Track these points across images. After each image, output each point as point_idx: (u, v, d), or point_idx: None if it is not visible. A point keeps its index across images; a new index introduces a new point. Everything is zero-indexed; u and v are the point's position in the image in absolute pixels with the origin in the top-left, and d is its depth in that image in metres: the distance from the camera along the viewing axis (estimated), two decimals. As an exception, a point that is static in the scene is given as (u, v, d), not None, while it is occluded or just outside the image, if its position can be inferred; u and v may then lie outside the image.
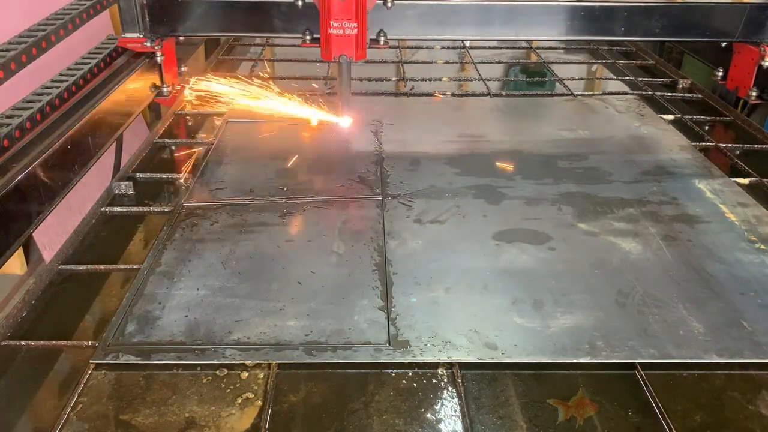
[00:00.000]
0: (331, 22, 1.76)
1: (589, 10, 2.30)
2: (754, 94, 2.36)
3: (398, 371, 1.20)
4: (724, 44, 2.43)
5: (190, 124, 2.32)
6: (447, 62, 2.96)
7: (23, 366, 1.23)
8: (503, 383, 1.18)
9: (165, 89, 2.31)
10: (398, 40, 3.05)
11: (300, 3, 1.91)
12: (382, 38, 2.00)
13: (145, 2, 2.13)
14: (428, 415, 1.11)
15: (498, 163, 1.99)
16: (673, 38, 2.61)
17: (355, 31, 1.77)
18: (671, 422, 1.10)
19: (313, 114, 2.23)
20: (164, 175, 1.91)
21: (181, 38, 2.42)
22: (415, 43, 3.24)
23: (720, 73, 2.53)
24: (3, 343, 1.26)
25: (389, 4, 1.91)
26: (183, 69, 2.49)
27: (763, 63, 2.30)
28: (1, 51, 1.66)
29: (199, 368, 1.20)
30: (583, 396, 1.15)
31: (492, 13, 2.31)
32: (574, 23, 2.32)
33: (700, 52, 2.76)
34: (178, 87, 2.40)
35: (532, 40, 3.19)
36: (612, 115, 2.38)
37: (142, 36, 2.17)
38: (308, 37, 1.99)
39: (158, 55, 2.24)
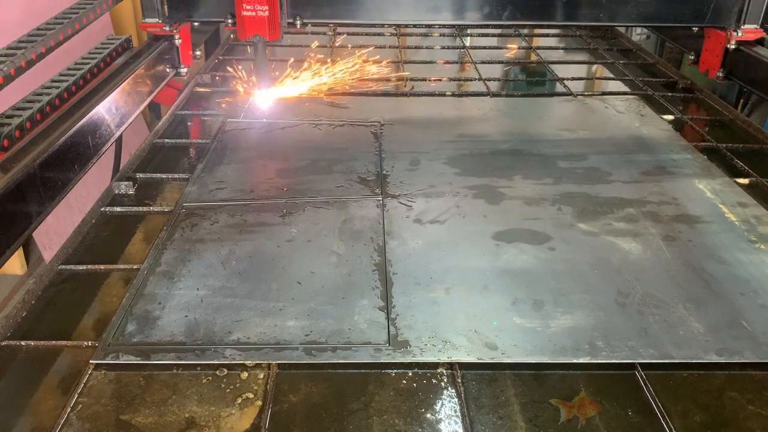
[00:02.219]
0: (244, 4, 1.97)
1: None
2: (721, 74, 2.55)
3: (398, 371, 1.20)
4: (695, 29, 2.61)
5: (189, 124, 2.32)
6: (447, 62, 2.96)
7: (23, 366, 1.23)
8: (503, 383, 1.18)
9: (182, 69, 2.52)
10: (397, 25, 3.15)
11: None
12: (299, 22, 2.30)
13: (163, -11, 2.31)
14: (428, 416, 1.11)
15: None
16: (647, 24, 2.83)
17: (267, 13, 1.98)
18: (671, 422, 1.10)
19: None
20: (164, 175, 1.92)
21: (196, 23, 2.59)
22: (416, 42, 3.24)
23: (692, 57, 2.72)
24: (3, 343, 1.26)
25: None
26: (197, 53, 2.67)
27: (729, 46, 2.48)
28: (10, 49, 1.68)
29: (199, 368, 1.20)
30: (585, 396, 1.15)
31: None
32: (548, 8, 2.42)
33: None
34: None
35: (513, 25, 3.28)
36: (612, 115, 2.38)
37: (160, 21, 2.37)
38: (230, 21, 2.27)
39: (176, 38, 2.44)
